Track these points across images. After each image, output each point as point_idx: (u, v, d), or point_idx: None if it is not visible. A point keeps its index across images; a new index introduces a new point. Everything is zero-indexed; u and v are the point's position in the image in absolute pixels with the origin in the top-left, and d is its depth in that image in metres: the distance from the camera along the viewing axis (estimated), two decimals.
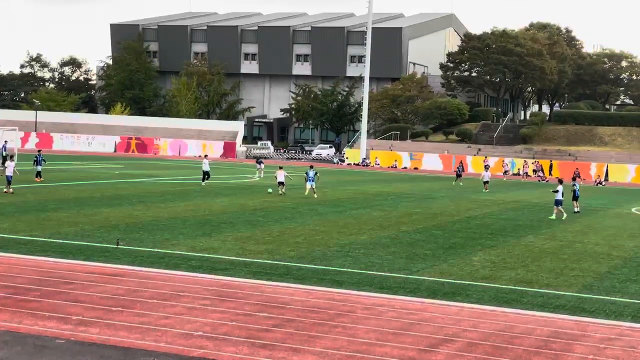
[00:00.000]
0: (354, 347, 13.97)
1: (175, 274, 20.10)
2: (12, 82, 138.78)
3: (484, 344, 14.62)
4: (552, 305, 18.53)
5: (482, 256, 25.82)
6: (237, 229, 29.63)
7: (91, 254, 22.61)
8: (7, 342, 13.42)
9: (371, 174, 79.00)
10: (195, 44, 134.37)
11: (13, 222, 28.82)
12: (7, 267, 20.12)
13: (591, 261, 25.80)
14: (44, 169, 48.57)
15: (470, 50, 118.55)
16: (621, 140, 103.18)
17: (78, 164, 68.97)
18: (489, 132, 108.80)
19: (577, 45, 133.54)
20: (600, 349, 14.73)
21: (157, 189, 47.20)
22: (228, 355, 13.17)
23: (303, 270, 21.56)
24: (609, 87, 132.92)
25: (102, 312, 15.68)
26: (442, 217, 37.95)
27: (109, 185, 48.53)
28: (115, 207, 35.41)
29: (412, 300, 18.38)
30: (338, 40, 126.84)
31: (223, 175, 62.74)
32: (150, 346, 13.47)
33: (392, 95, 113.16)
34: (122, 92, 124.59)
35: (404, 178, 74.36)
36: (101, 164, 71.62)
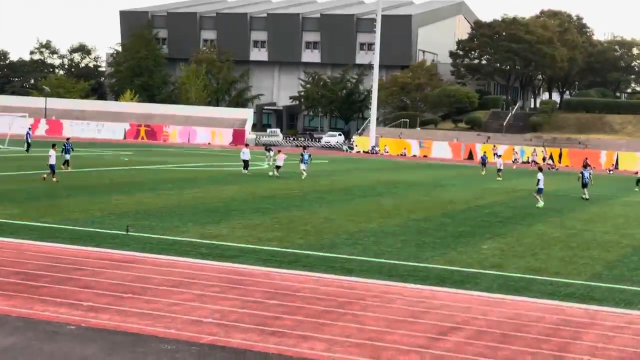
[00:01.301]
0: (363, 335, 13.99)
1: (185, 261, 20.13)
2: (22, 68, 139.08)
3: (493, 332, 14.63)
4: (561, 293, 18.51)
5: (491, 244, 25.80)
6: (246, 217, 29.66)
7: (101, 240, 22.68)
8: (19, 328, 13.49)
9: (380, 162, 78.90)
10: (204, 31, 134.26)
11: (24, 208, 28.91)
12: (18, 252, 20.20)
13: (600, 249, 25.76)
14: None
15: (480, 37, 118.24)
16: (632, 129, 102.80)
17: (88, 150, 68.98)
18: (498, 120, 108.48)
19: (588, 33, 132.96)
20: (609, 337, 14.73)
21: (166, 176, 47.23)
22: (238, 341, 13.20)
23: (312, 258, 21.58)
24: (620, 74, 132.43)
25: (112, 299, 15.73)
26: (451, 205, 37.91)
27: (118, 172, 48.59)
28: (125, 194, 35.47)
29: (421, 288, 18.38)
30: (347, 27, 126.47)
31: (232, 162, 62.71)
32: (160, 332, 13.52)
33: (401, 83, 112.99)
34: (131, 79, 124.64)
35: (413, 166, 74.27)
36: (111, 150, 71.69)
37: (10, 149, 66.31)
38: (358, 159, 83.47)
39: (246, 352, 12.67)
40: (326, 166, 65.02)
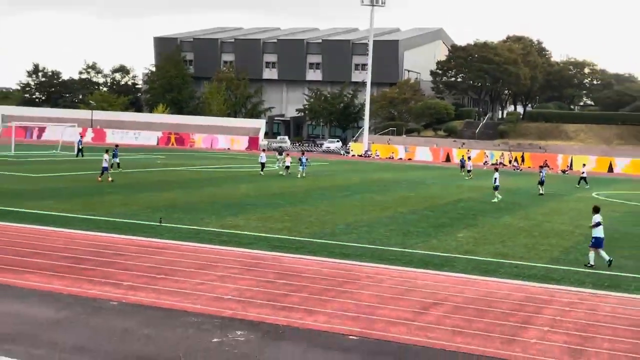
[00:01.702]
0: (358, 309, 14.03)
1: (208, 247, 20.20)
2: (72, 86, 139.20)
3: (467, 307, 14.66)
4: (525, 274, 18.56)
5: (466, 233, 25.84)
6: (259, 210, 29.70)
7: (138, 230, 22.74)
8: (70, 304, 13.53)
9: (372, 164, 78.94)
10: (224, 54, 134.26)
11: (74, 203, 28.97)
12: (68, 240, 20.26)
13: (558, 238, 25.80)
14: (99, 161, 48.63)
15: (456, 59, 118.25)
16: (583, 136, 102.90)
17: (126, 155, 69.09)
18: (471, 129, 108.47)
19: (547, 55, 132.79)
20: (565, 311, 14.77)
21: (192, 176, 47.28)
22: (253, 315, 13.23)
23: (315, 245, 21.63)
24: (574, 90, 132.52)
25: (148, 279, 15.78)
26: (432, 200, 37.92)
27: (152, 172, 48.64)
28: (158, 192, 35.52)
29: (407, 270, 18.43)
30: (344, 51, 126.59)
31: (248, 164, 62.76)
32: (188, 308, 13.56)
33: (389, 98, 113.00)
34: (163, 94, 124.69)
35: (399, 167, 74.30)
36: (146, 155, 71.74)
37: (61, 153, 66.36)
38: (353, 162, 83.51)
39: (260, 324, 12.70)
40: (326, 167, 65.04)
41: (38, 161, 54.98)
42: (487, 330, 12.98)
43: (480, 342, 12.30)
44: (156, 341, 11.53)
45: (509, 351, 11.88)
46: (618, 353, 12.08)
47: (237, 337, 11.89)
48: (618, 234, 27.80)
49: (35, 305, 13.37)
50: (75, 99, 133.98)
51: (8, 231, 21.46)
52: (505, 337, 12.65)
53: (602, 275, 18.89)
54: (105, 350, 11.00)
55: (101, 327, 12.11)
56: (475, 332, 12.84)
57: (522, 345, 12.23)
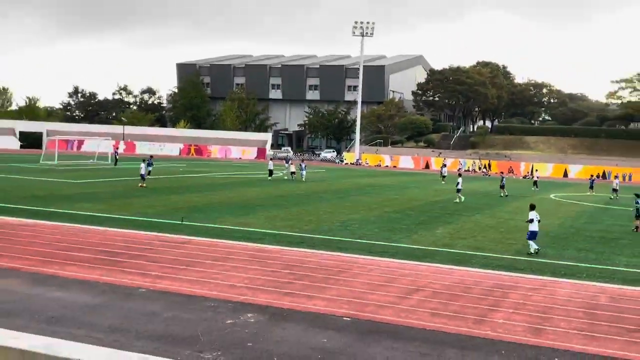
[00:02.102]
0: (352, 295, 14.02)
1: (223, 242, 20.18)
2: (107, 105, 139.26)
3: (445, 293, 14.65)
4: (494, 264, 18.55)
5: (443, 230, 25.84)
6: (267, 210, 29.69)
7: (163, 227, 22.73)
8: (105, 291, 13.52)
9: (362, 171, 78.96)
10: (236, 77, 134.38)
11: (108, 205, 28.97)
12: (103, 236, 20.25)
13: (521, 233, 25.75)
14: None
15: (433, 81, 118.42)
16: (542, 146, 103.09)
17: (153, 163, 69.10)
18: (447, 140, 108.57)
19: (511, 77, 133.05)
20: (528, 296, 14.77)
21: (209, 182, 47.29)
22: (262, 300, 13.23)
23: (315, 240, 21.62)
24: (534, 107, 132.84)
25: (171, 269, 15.76)
26: (414, 202, 37.94)
27: (175, 179, 48.63)
28: (180, 195, 35.52)
29: (393, 261, 18.42)
30: (338, 74, 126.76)
31: (257, 171, 62.74)
32: (206, 294, 13.54)
33: (377, 114, 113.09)
34: (184, 112, 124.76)
35: (386, 174, 74.33)
36: (170, 163, 71.72)
37: (98, 162, 66.34)
38: (347, 169, 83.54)
39: (268, 307, 12.69)
40: (324, 174, 65.03)
41: (77, 169, 54.97)
42: (461, 312, 12.98)
43: (456, 322, 12.30)
44: (178, 322, 11.52)
45: (480, 330, 11.88)
46: (572, 331, 12.08)
47: (248, 319, 11.87)
48: (573, 229, 27.83)
49: (76, 292, 13.36)
50: (109, 116, 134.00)
51: (53, 229, 21.45)
52: (477, 318, 12.64)
53: (559, 265, 18.90)
54: (135, 330, 10.99)
55: (132, 311, 12.10)
56: (451, 314, 12.84)
57: (491, 325, 12.22)
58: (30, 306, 12.14)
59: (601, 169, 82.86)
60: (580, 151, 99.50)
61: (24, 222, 22.67)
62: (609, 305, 14.23)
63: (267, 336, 10.94)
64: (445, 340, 11.18)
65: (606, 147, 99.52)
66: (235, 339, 10.69)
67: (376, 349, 10.57)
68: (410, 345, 10.80)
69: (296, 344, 10.63)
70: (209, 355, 9.88)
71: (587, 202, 43.37)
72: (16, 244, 18.31)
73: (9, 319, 11.22)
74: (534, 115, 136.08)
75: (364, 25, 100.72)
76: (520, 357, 10.53)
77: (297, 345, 10.53)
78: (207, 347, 10.22)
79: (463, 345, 10.99)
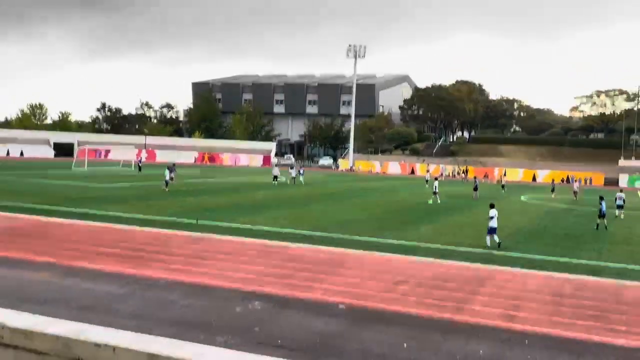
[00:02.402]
0: (346, 285, 14.00)
1: (234, 239, 20.15)
2: (131, 118, 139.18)
3: (429, 282, 14.64)
4: (472, 258, 18.53)
5: (426, 227, 25.83)
6: (272, 211, 29.66)
7: (181, 226, 22.69)
8: (129, 282, 13.50)
9: (356, 176, 78.97)
10: (244, 94, 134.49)
11: (132, 206, 28.92)
12: (127, 234, 20.21)
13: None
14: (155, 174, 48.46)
15: (418, 97, 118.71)
16: (513, 154, 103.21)
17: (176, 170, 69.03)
18: (430, 149, 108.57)
19: (486, 94, 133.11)
20: (502, 286, 14.76)
21: (221, 186, 47.26)
22: (268, 290, 13.21)
23: (314, 237, 21.59)
24: (506, 120, 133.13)
25: (188, 263, 15.73)
26: (401, 203, 37.92)
27: (191, 183, 48.57)
28: (195, 197, 35.48)
29: (383, 255, 18.40)
30: (334, 91, 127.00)
31: (263, 177, 62.70)
32: (220, 284, 13.52)
33: (369, 126, 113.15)
34: (199, 124, 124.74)
35: (376, 179, 74.33)
36: (186, 170, 71.72)
37: (123, 168, 66.28)
38: (342, 174, 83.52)
39: (273, 296, 12.67)
40: (321, 179, 65.01)
41: (105, 176, 54.91)
42: (443, 300, 12.96)
43: (438, 309, 12.28)
44: (194, 309, 11.50)
45: (460, 316, 11.86)
46: (541, 316, 12.07)
47: (255, 307, 11.85)
48: (541, 227, 27.82)
49: (104, 283, 13.33)
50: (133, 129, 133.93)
51: (83, 228, 21.41)
52: (457, 305, 12.62)
53: (529, 259, 18.88)
54: (156, 316, 10.97)
55: (152, 300, 12.08)
56: (434, 302, 12.82)
57: (470, 312, 12.21)
58: (63, 295, 12.12)
59: (565, 174, 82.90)
60: (547, 158, 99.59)
61: (58, 221, 22.63)
62: (573, 293, 14.23)
63: (272, 322, 10.92)
64: (429, 325, 11.16)
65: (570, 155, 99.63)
66: (244, 324, 10.67)
67: (368, 333, 10.56)
68: (398, 330, 10.79)
69: (297, 328, 10.61)
70: (221, 338, 9.87)
71: (553, 203, 43.38)
72: (51, 240, 18.28)
73: (45, 306, 11.20)
74: (506, 126, 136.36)
75: (356, 48, 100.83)
76: (495, 340, 10.52)
77: (299, 330, 10.51)
78: (219, 332, 10.20)
79: (445, 329, 10.98)
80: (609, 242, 23.46)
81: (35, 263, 15.04)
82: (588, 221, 30.46)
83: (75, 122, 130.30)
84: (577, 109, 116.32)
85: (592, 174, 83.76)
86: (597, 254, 20.51)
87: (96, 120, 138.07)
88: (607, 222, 27.67)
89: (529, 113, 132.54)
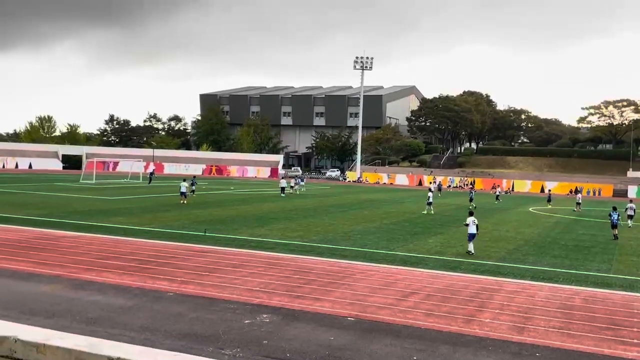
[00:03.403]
0: (354, 297, 13.95)
1: (241, 251, 20.14)
2: (138, 131, 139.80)
3: (437, 295, 14.56)
4: (480, 270, 18.45)
5: (435, 239, 25.75)
6: (279, 222, 29.66)
7: (188, 238, 22.72)
8: (137, 295, 13.49)
9: (363, 188, 78.90)
10: (252, 106, 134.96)
11: (140, 218, 29.00)
12: (135, 247, 20.24)
13: (504, 242, 25.69)
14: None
15: (425, 108, 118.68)
16: (522, 165, 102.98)
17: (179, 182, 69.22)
18: (437, 160, 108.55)
19: (493, 105, 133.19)
20: (511, 298, 14.66)
21: (228, 197, 47.31)
22: (275, 302, 13.17)
23: (321, 248, 21.57)
24: (514, 131, 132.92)
25: (195, 276, 15.72)
26: (408, 214, 37.84)
27: (199, 195, 48.65)
28: (203, 209, 35.53)
29: (391, 267, 18.34)
30: (341, 103, 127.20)
31: (270, 189, 62.73)
32: (226, 297, 13.49)
33: (376, 138, 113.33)
34: (206, 136, 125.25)
35: (384, 190, 74.23)
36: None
37: (131, 181, 66.53)
38: (349, 186, 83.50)
39: (280, 309, 12.63)
40: (329, 190, 65.00)
41: (113, 188, 55.12)
42: (452, 313, 12.89)
43: (447, 321, 12.21)
44: (202, 322, 11.48)
45: (469, 328, 11.78)
46: (550, 329, 11.97)
47: (263, 319, 11.82)
48: (550, 238, 27.68)
49: (111, 296, 13.33)
50: (141, 141, 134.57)
51: (91, 240, 21.47)
52: (466, 318, 12.55)
53: (538, 271, 18.77)
54: (164, 329, 10.95)
55: (160, 312, 12.06)
56: (443, 314, 12.75)
57: (479, 324, 12.13)
58: (71, 308, 12.13)
59: (574, 185, 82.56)
60: (555, 169, 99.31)
61: (66, 234, 22.71)
62: (583, 305, 14.12)
63: (281, 334, 10.88)
64: (438, 338, 11.09)
65: (578, 166, 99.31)
66: (252, 337, 10.64)
67: (377, 345, 10.50)
68: (407, 343, 10.72)
69: (306, 341, 10.57)
70: (229, 351, 9.84)
71: (561, 214, 43.17)
72: (59, 253, 18.33)
73: (54, 319, 11.21)
74: (514, 137, 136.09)
75: (363, 60, 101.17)
76: (505, 353, 10.44)
77: (307, 342, 10.47)
78: (227, 345, 10.17)
79: (454, 342, 10.90)
80: (618, 253, 23.30)
81: (43, 275, 15.07)
82: (598, 232, 30.27)
83: (83, 134, 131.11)
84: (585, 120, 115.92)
85: (600, 185, 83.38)
86: (607, 265, 20.37)
87: (104, 133, 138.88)
88: (617, 232, 27.73)
89: (536, 124, 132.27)
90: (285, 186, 52.74)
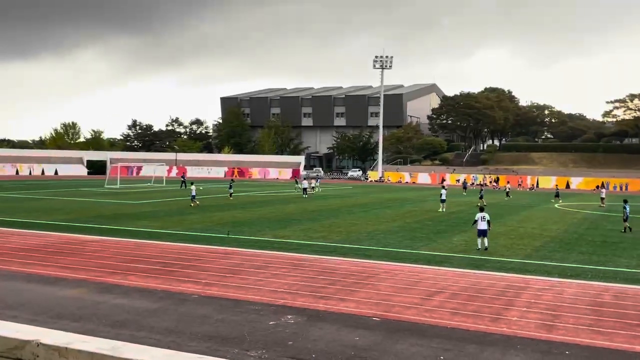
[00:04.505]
0: (379, 297, 13.85)
1: (265, 252, 20.15)
2: (161, 135, 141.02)
3: (462, 294, 14.40)
4: (506, 267, 18.22)
5: (459, 237, 25.51)
6: (302, 223, 29.64)
7: (212, 240, 22.80)
8: (162, 297, 13.55)
9: (385, 187, 78.62)
10: (272, 108, 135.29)
11: (164, 222, 29.20)
12: (160, 250, 20.36)
13: (530, 239, 25.35)
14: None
15: (446, 106, 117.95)
16: (546, 161, 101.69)
17: (202, 185, 69.59)
18: (460, 158, 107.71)
19: (516, 101, 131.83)
20: (538, 295, 14.44)
21: (251, 199, 47.46)
22: (300, 303, 13.13)
23: (345, 249, 21.49)
24: (537, 127, 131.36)
25: (219, 277, 15.75)
26: (431, 213, 37.56)
27: (221, 197, 48.85)
28: (225, 211, 35.66)
29: (415, 266, 18.20)
30: (362, 102, 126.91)
31: (292, 190, 62.79)
32: (251, 298, 13.49)
33: (397, 137, 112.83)
34: (228, 139, 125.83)
35: (406, 189, 73.87)
36: (216, 185, 72.22)
37: (154, 185, 67.11)
38: (371, 186, 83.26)
39: (305, 310, 12.59)
40: (350, 191, 64.87)
41: (137, 192, 55.64)
42: (478, 311, 12.72)
43: (474, 320, 12.05)
44: (227, 324, 11.48)
45: (496, 327, 11.61)
46: (580, 327, 11.75)
47: (288, 320, 11.78)
48: (577, 234, 27.27)
49: (137, 299, 13.41)
50: (163, 145, 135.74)
51: (116, 244, 21.66)
52: (493, 316, 12.37)
53: (565, 267, 18.48)
54: (189, 331, 10.97)
55: (185, 314, 12.09)
56: (469, 313, 12.59)
57: (506, 322, 11.95)
58: (97, 312, 12.22)
59: (600, 180, 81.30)
60: (580, 165, 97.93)
61: (92, 238, 22.95)
62: (612, 302, 13.84)
63: (305, 335, 10.83)
64: (465, 337, 10.94)
65: (604, 161, 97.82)
66: (277, 338, 10.60)
67: (403, 345, 10.39)
68: (434, 342, 10.60)
69: (331, 342, 10.50)
70: (254, 353, 9.81)
71: (588, 210, 42.51)
72: (85, 257, 18.52)
73: (80, 323, 11.30)
74: (537, 133, 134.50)
75: (383, 59, 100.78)
76: (534, 351, 10.25)
77: (332, 343, 10.40)
78: (252, 346, 10.15)
79: (481, 341, 10.75)
80: None
81: (69, 279, 15.23)
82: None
83: (107, 140, 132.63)
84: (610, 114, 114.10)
85: (628, 180, 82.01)
86: (636, 261, 19.97)
87: (127, 138, 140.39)
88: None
89: (560, 119, 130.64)
90: (306, 186, 52.80)
